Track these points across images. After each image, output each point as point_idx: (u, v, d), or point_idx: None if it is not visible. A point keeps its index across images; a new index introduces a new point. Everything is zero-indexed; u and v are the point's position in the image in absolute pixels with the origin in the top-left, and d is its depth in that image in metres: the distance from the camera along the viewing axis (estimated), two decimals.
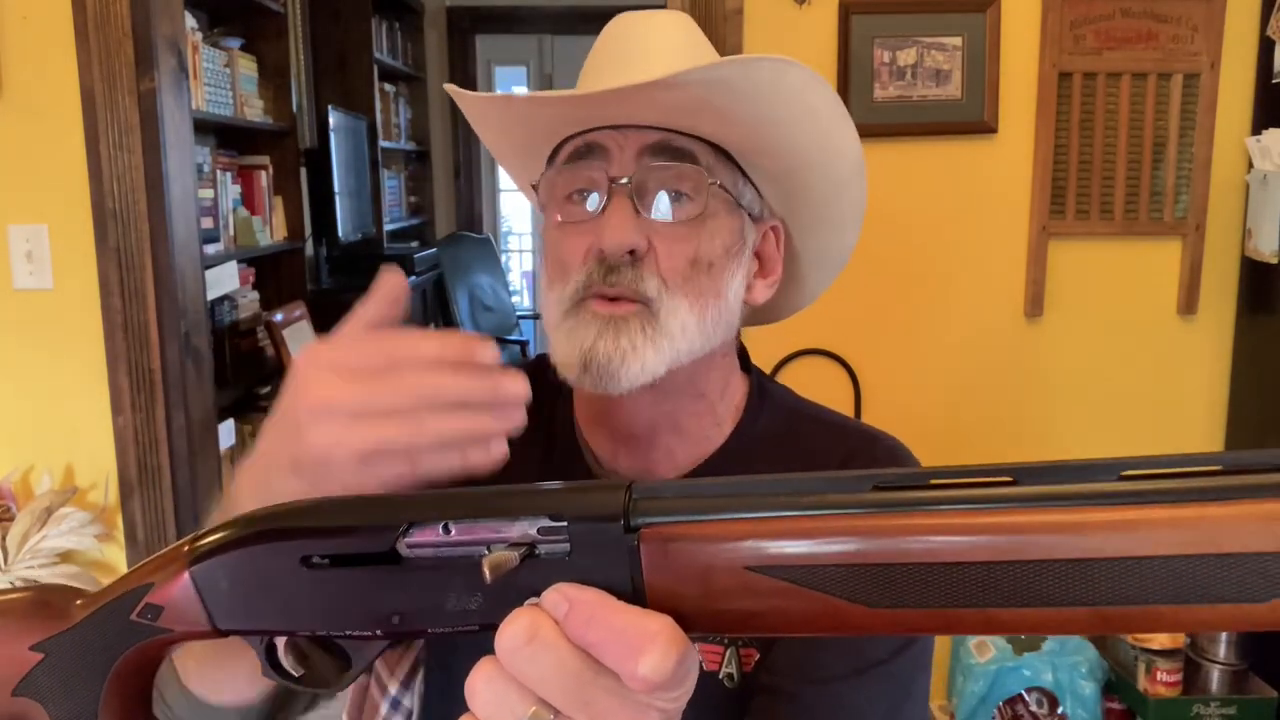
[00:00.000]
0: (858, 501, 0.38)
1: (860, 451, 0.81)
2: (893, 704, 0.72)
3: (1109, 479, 0.36)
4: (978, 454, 2.22)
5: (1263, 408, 2.14)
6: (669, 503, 0.41)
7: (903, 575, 0.37)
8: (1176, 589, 0.34)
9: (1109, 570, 0.35)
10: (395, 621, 0.44)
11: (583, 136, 0.75)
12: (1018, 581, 0.36)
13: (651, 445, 0.80)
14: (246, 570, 0.46)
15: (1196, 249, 2.18)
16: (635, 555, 0.40)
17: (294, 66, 3.75)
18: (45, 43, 1.89)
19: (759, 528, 0.39)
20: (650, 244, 0.72)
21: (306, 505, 0.47)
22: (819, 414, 0.86)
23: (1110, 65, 2.11)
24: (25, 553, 1.93)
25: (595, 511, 0.41)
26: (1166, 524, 0.34)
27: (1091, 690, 2.15)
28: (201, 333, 2.10)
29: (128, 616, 0.48)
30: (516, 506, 0.42)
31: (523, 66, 6.35)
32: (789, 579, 0.38)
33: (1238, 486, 0.34)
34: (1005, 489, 0.37)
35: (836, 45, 2.07)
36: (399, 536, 0.43)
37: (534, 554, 0.41)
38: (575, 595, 0.39)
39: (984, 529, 0.36)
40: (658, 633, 0.38)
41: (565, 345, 0.73)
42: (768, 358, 2.17)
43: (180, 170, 1.99)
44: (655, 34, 0.78)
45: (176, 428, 2.00)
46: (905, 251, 2.16)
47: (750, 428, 0.83)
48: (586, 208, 0.74)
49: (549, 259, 0.77)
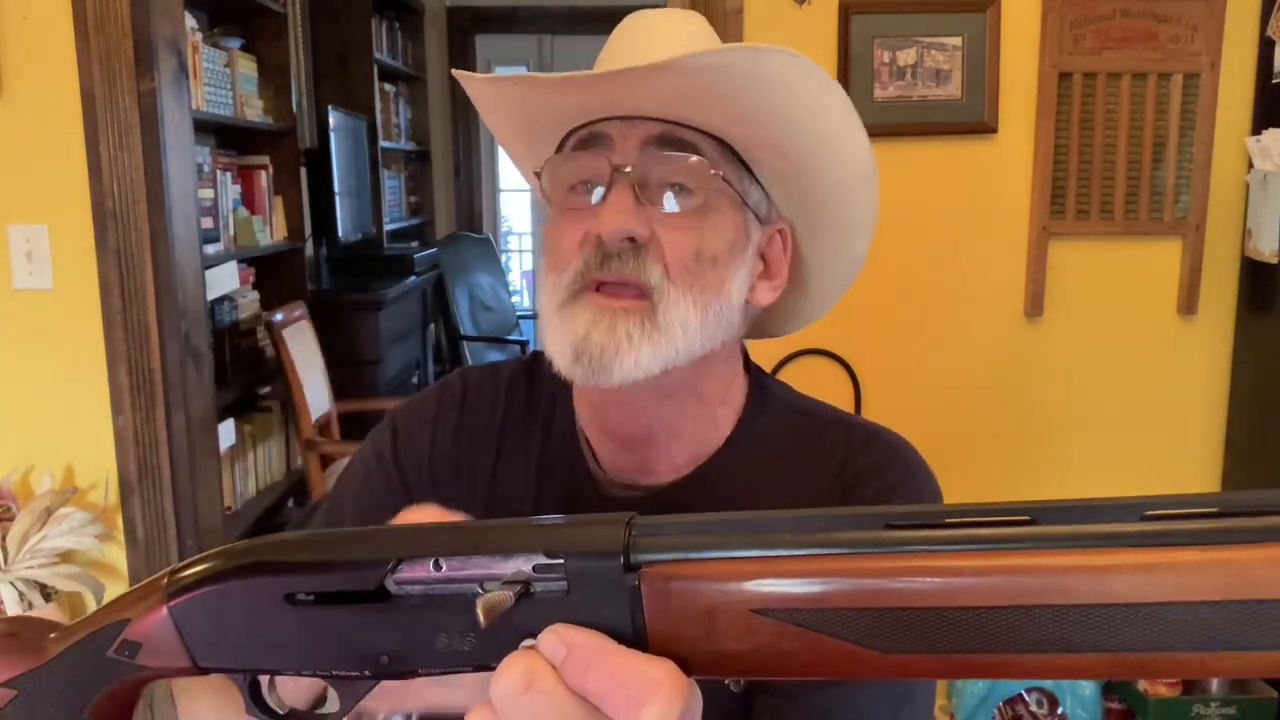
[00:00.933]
0: (869, 540, 0.37)
1: (860, 449, 0.80)
2: (895, 706, 0.72)
3: (1131, 519, 0.34)
4: (977, 454, 2.22)
5: (1263, 408, 2.14)
6: (672, 539, 0.39)
7: (916, 619, 0.35)
8: (1204, 636, 0.33)
9: (1132, 616, 0.33)
10: (384, 661, 0.42)
11: (588, 127, 0.75)
12: (1035, 626, 0.34)
13: (649, 446, 0.80)
14: (228, 607, 0.44)
15: (1196, 249, 2.18)
16: (636, 595, 0.38)
17: (294, 66, 3.75)
18: (45, 43, 1.89)
19: (766, 567, 0.37)
20: (653, 233, 0.72)
21: (291, 540, 0.45)
22: (819, 410, 0.85)
23: (1110, 65, 2.11)
24: (25, 553, 1.93)
25: (594, 548, 0.39)
26: (1193, 568, 0.33)
27: (1091, 690, 2.15)
28: (201, 333, 2.10)
29: (104, 652, 0.46)
30: (510, 542, 0.40)
31: (522, 66, 6.35)
32: (797, 622, 0.37)
33: (1267, 529, 0.33)
34: (1023, 529, 0.35)
35: (836, 45, 2.07)
36: (388, 573, 0.41)
37: (529, 593, 0.39)
38: (573, 639, 0.38)
39: (1000, 570, 0.35)
40: (660, 682, 0.37)
41: (558, 334, 0.72)
42: (768, 358, 2.17)
43: (180, 170, 1.99)
44: (666, 27, 0.78)
45: (176, 428, 2.00)
46: (905, 251, 2.16)
47: (750, 427, 0.82)
48: (589, 197, 0.74)
49: (546, 247, 0.77)
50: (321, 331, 3.36)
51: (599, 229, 0.71)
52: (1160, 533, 0.34)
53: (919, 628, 0.35)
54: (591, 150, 0.74)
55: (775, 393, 0.85)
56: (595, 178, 0.74)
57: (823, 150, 0.75)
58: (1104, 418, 2.24)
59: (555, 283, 0.74)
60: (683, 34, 0.78)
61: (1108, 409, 2.24)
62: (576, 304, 0.72)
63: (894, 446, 0.81)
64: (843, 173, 0.77)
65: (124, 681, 0.46)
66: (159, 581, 0.46)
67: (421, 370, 4.75)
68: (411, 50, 5.39)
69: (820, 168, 0.76)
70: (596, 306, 0.71)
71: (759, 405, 0.83)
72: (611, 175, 0.72)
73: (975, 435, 2.23)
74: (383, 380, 3.90)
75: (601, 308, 0.71)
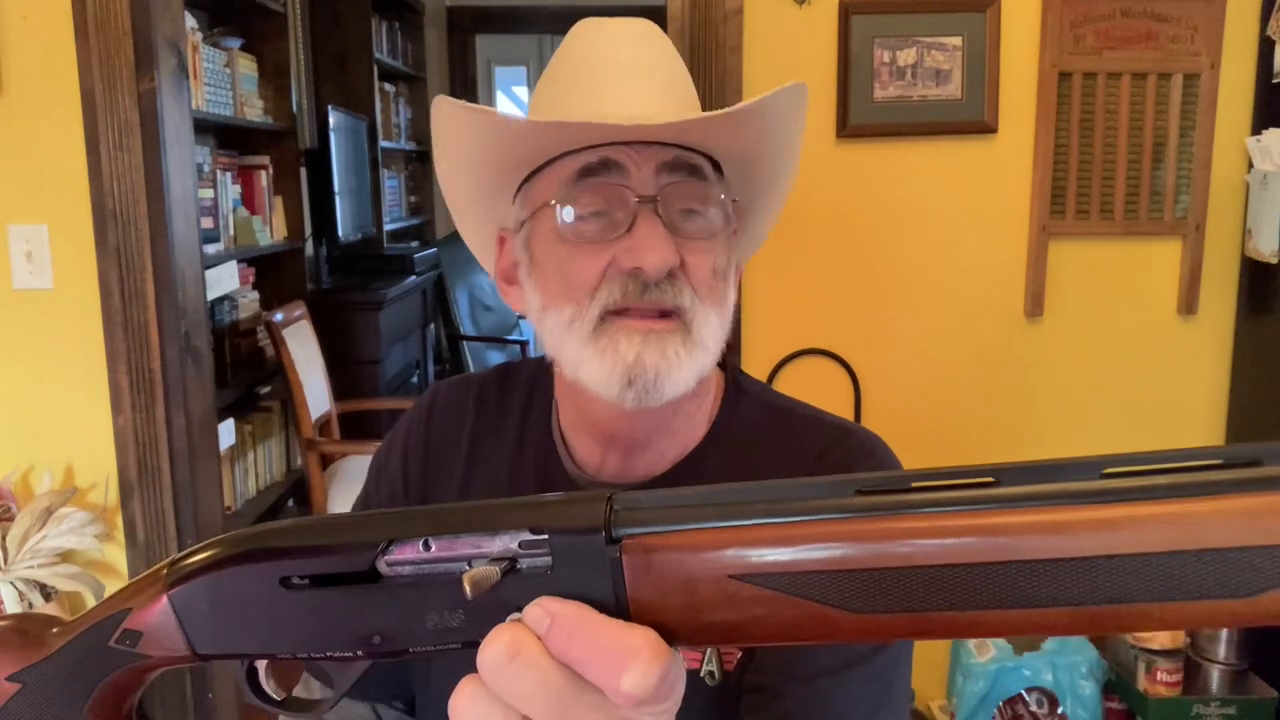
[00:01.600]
0: (840, 506, 0.38)
1: (835, 445, 0.81)
2: (876, 698, 0.73)
3: (1091, 477, 0.36)
4: (977, 454, 2.22)
5: (1263, 408, 2.14)
6: (650, 513, 0.40)
7: (887, 580, 0.37)
8: (1161, 586, 0.34)
9: (1092, 569, 0.34)
10: (376, 641, 0.44)
11: (591, 152, 0.73)
12: (1002, 583, 0.35)
13: (645, 450, 0.81)
14: (226, 592, 0.45)
15: (1196, 249, 2.18)
16: (618, 567, 0.39)
17: (294, 66, 3.75)
18: (45, 43, 1.89)
19: (742, 536, 0.38)
20: (681, 258, 0.73)
21: (286, 526, 0.46)
22: (794, 408, 0.86)
23: (1110, 65, 2.11)
24: (25, 552, 1.93)
25: (576, 524, 0.40)
26: (1148, 521, 0.34)
27: (1091, 690, 2.15)
28: (201, 333, 2.10)
29: (106, 643, 0.47)
30: (497, 521, 0.42)
31: (522, 66, 6.36)
32: (773, 587, 0.38)
33: (1220, 481, 0.34)
34: (986, 490, 0.37)
35: (836, 45, 2.07)
36: (379, 555, 0.43)
37: (515, 568, 0.41)
38: (557, 610, 0.39)
39: (966, 531, 0.36)
40: (640, 648, 0.38)
41: (598, 364, 0.72)
42: (768, 358, 2.17)
43: (180, 170, 1.99)
44: (638, 46, 0.78)
45: (176, 428, 2.00)
46: (905, 251, 2.16)
47: (726, 423, 0.83)
48: (604, 226, 0.73)
49: (554, 275, 0.75)
50: (321, 331, 3.37)
51: (639, 262, 0.71)
52: (1118, 489, 0.35)
53: (889, 588, 0.37)
54: (602, 178, 0.73)
55: (751, 391, 0.86)
56: (617, 207, 0.73)
57: (783, 154, 0.81)
58: (1104, 417, 2.24)
59: (574, 313, 0.73)
60: (652, 47, 0.79)
61: (1107, 409, 2.24)
62: (613, 331, 0.72)
63: (867, 443, 0.82)
64: (786, 160, 0.83)
65: (125, 671, 0.47)
66: (159, 572, 0.47)
67: (421, 370, 4.75)
68: (411, 50, 5.40)
69: (779, 159, 0.82)
70: (641, 331, 0.72)
71: (735, 402, 0.85)
72: (637, 205, 0.72)
73: (975, 435, 2.23)
74: (383, 380, 3.91)
75: (646, 331, 0.72)
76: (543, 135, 0.74)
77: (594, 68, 0.77)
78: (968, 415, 2.23)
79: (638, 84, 0.76)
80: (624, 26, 0.79)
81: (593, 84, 0.76)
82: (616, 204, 0.73)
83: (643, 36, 0.79)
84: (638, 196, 0.72)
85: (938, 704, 2.31)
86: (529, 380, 0.89)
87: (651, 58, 0.78)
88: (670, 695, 0.39)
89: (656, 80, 0.77)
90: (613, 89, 0.75)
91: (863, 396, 2.20)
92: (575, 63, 0.79)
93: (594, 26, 0.79)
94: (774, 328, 2.14)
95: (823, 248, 2.13)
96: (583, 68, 0.78)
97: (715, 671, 0.76)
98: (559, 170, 0.75)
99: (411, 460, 0.89)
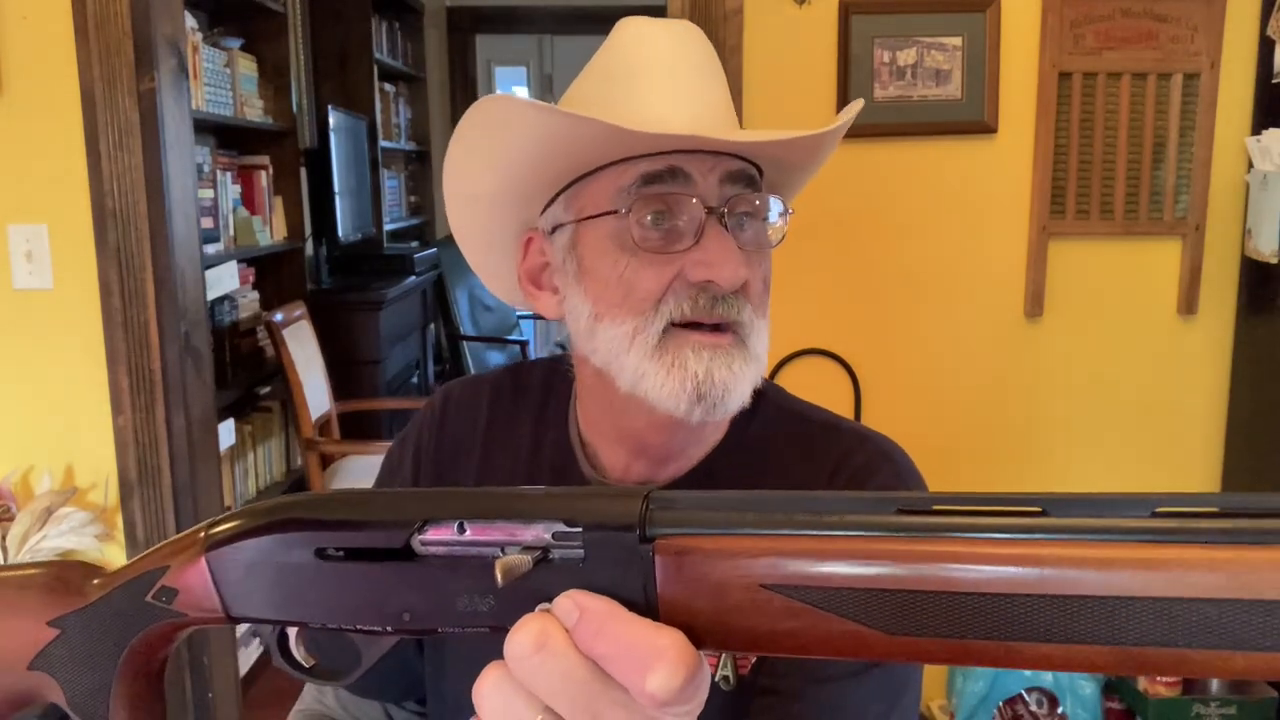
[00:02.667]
0: (881, 524, 0.37)
1: (853, 451, 0.81)
2: (889, 703, 0.73)
3: (1142, 515, 0.35)
4: (977, 454, 2.22)
5: (1263, 408, 2.14)
6: (686, 514, 0.40)
7: (924, 603, 0.36)
8: (1209, 634, 0.33)
9: (1137, 610, 0.33)
10: (406, 619, 0.44)
11: (658, 159, 0.71)
12: (1042, 616, 0.34)
13: (675, 459, 0.81)
14: (262, 559, 0.46)
15: (1196, 249, 2.18)
16: (649, 566, 0.39)
17: (294, 66, 3.75)
18: (45, 43, 1.89)
19: (777, 545, 0.38)
20: None
21: (325, 497, 0.47)
22: (811, 414, 0.86)
23: (1110, 65, 2.11)
24: (25, 553, 1.93)
25: (611, 519, 0.40)
26: (1201, 565, 0.33)
27: (1091, 690, 2.15)
28: (201, 333, 2.09)
29: (143, 598, 0.48)
30: (532, 510, 0.42)
31: (523, 66, 6.36)
32: (806, 600, 0.37)
33: (1275, 530, 0.33)
34: (1033, 519, 0.36)
35: (836, 45, 2.07)
36: (414, 533, 0.43)
37: (547, 559, 0.41)
38: (586, 604, 0.39)
39: (1009, 560, 0.35)
40: (667, 648, 0.37)
41: (666, 378, 0.71)
42: (768, 358, 2.17)
43: (180, 170, 1.99)
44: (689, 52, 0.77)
45: (176, 428, 2.00)
46: (905, 251, 2.16)
47: (745, 428, 0.83)
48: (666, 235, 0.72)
49: (611, 285, 0.73)
50: (321, 331, 3.36)
51: (712, 275, 0.70)
52: (1170, 529, 0.34)
53: (924, 612, 0.36)
54: (668, 185, 0.71)
55: (769, 395, 0.86)
56: (684, 217, 0.72)
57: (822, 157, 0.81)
58: (1104, 417, 2.24)
59: (638, 326, 0.72)
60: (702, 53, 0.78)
61: (1107, 409, 2.24)
62: (678, 345, 0.72)
63: (885, 451, 0.81)
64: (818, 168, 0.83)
65: (159, 626, 0.48)
66: (197, 534, 0.48)
67: (421, 370, 4.75)
68: (411, 50, 5.40)
69: (811, 173, 0.82)
70: (709, 346, 0.72)
71: (752, 408, 0.84)
72: (706, 218, 0.71)
73: (975, 435, 2.23)
74: (383, 380, 3.90)
75: (714, 346, 0.72)
76: (610, 138, 0.70)
77: (648, 71, 0.75)
78: (968, 415, 2.23)
79: (694, 90, 0.75)
80: (671, 28, 0.77)
81: (647, 88, 0.74)
82: (682, 213, 0.71)
83: (691, 39, 0.78)
84: (706, 207, 0.71)
85: (938, 704, 2.31)
86: (543, 382, 0.89)
87: (702, 61, 0.77)
88: (695, 697, 0.39)
89: (710, 87, 0.76)
90: (670, 94, 0.74)
91: (863, 396, 2.20)
92: (626, 63, 0.76)
93: (641, 25, 0.77)
94: (774, 328, 2.13)
95: (823, 248, 2.13)
96: (636, 69, 0.75)
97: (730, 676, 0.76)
98: (617, 175, 0.72)
99: (424, 461, 0.88)
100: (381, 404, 3.73)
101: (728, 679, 0.76)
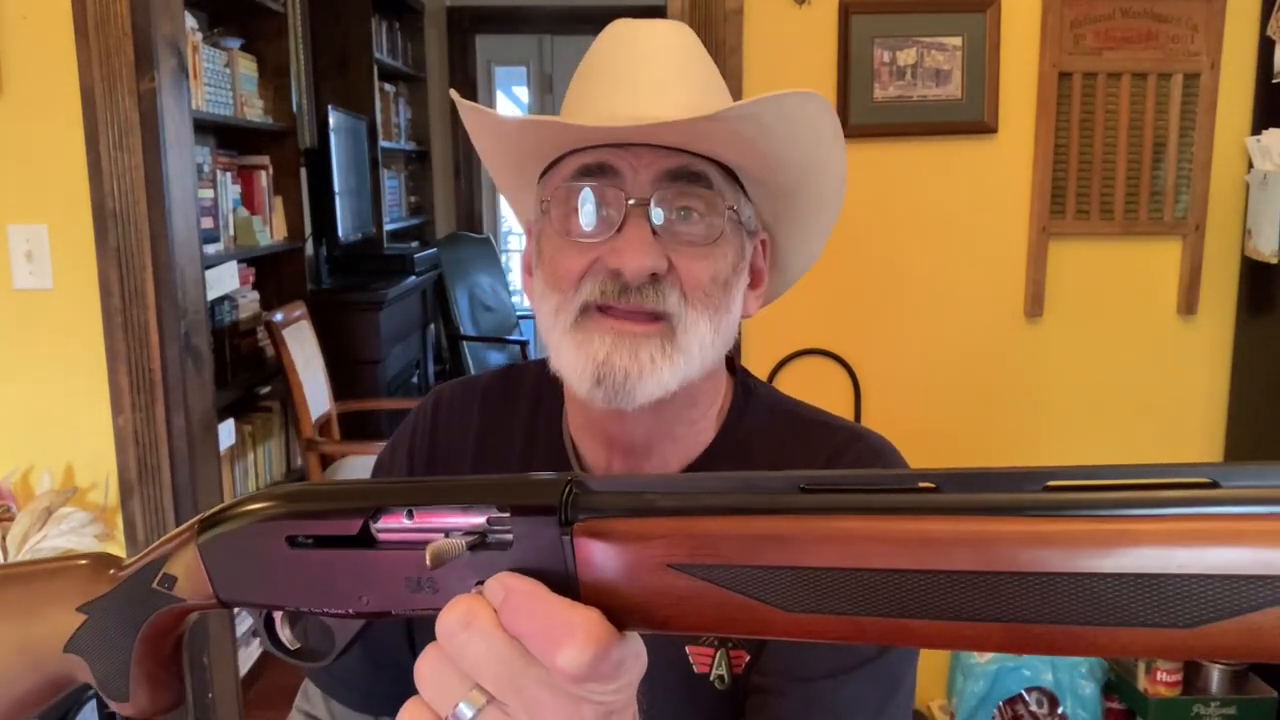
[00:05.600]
0: (778, 504, 0.38)
1: (844, 449, 0.81)
2: (881, 700, 0.73)
3: (1033, 489, 0.34)
4: (977, 454, 2.22)
5: (1263, 408, 2.14)
6: (605, 498, 0.41)
7: (818, 580, 0.36)
8: (1094, 610, 0.32)
9: (1020, 586, 0.33)
10: (364, 602, 0.46)
11: (591, 153, 0.74)
12: (931, 593, 0.34)
13: (648, 454, 0.81)
14: (243, 546, 0.49)
15: (1196, 249, 2.18)
16: (570, 549, 0.41)
17: (294, 66, 3.75)
18: (45, 43, 1.89)
19: (681, 526, 0.39)
20: (670, 263, 0.73)
21: (300, 489, 0.50)
22: (804, 412, 0.86)
23: (1110, 65, 2.11)
24: (25, 553, 1.93)
25: (535, 504, 0.42)
26: (1085, 539, 0.32)
27: (1091, 690, 2.15)
28: (201, 333, 2.09)
29: (150, 584, 0.52)
30: (472, 496, 0.44)
31: (522, 66, 6.36)
32: (708, 579, 0.38)
33: (1165, 500, 0.32)
34: (924, 496, 0.36)
35: (836, 45, 2.07)
36: (369, 521, 0.46)
37: (484, 543, 0.43)
38: (512, 584, 0.41)
39: (894, 536, 0.35)
40: (578, 626, 0.39)
41: (574, 356, 0.73)
42: (768, 358, 2.17)
43: (180, 170, 1.99)
44: (662, 50, 0.78)
45: (176, 428, 2.00)
46: (905, 251, 2.16)
47: (735, 428, 0.83)
48: (591, 225, 0.74)
49: (544, 262, 0.77)
50: (321, 331, 3.36)
51: (619, 264, 0.71)
52: (1054, 503, 0.34)
53: (819, 589, 0.36)
54: (598, 179, 0.74)
55: (760, 394, 0.86)
56: (611, 208, 0.73)
57: (815, 172, 0.78)
58: (1104, 417, 2.24)
59: (559, 304, 0.75)
60: (682, 59, 0.78)
61: (1108, 409, 2.24)
62: (589, 326, 0.73)
63: (877, 449, 0.82)
64: (824, 185, 0.80)
65: (166, 611, 0.52)
66: (193, 525, 0.52)
67: (421, 370, 4.75)
68: (411, 50, 5.39)
69: (808, 184, 0.79)
70: (614, 331, 0.72)
71: (745, 407, 0.84)
72: (628, 210, 0.73)
73: (975, 435, 2.23)
74: (383, 380, 3.90)
75: (620, 332, 0.72)
76: (539, 134, 0.75)
77: (614, 69, 0.77)
78: (967, 415, 2.23)
79: (661, 87, 0.75)
80: (653, 29, 0.79)
81: (611, 86, 0.76)
82: (610, 205, 0.73)
83: (672, 41, 0.78)
84: (631, 199, 0.72)
85: (938, 704, 2.31)
86: (535, 382, 0.89)
87: (684, 61, 0.77)
88: (617, 676, 0.40)
89: (686, 86, 0.76)
90: (632, 92, 0.75)
91: (863, 396, 2.20)
92: (601, 63, 0.79)
93: (622, 26, 0.79)
94: (774, 328, 2.14)
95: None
96: (608, 69, 0.78)
97: (725, 675, 0.76)
98: (563, 168, 0.76)
99: (417, 463, 0.89)
100: (381, 404, 3.73)
101: (722, 678, 0.76)
